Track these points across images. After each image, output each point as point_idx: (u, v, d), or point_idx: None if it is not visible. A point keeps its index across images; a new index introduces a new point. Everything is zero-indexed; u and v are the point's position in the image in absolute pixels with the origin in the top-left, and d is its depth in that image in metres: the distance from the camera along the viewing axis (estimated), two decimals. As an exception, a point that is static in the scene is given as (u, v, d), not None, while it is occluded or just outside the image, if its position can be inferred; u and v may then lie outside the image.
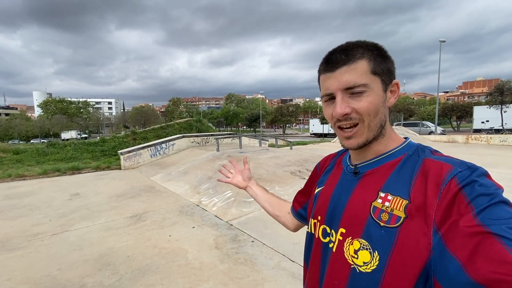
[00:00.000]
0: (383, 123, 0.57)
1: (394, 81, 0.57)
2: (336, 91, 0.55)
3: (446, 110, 34.31)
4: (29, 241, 3.41)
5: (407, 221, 0.48)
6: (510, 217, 0.40)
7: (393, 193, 0.52)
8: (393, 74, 0.57)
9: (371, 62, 0.54)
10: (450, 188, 0.45)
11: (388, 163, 0.56)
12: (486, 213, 0.40)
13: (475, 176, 0.45)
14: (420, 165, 0.52)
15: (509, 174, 6.36)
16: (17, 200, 5.40)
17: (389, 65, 0.57)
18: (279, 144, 12.34)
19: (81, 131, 47.52)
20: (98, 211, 4.56)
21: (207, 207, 4.58)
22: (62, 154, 11.34)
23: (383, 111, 0.56)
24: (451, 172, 0.46)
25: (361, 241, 0.53)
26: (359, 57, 0.53)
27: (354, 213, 0.56)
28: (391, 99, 0.58)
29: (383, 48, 0.57)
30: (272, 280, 2.43)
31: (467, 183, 0.44)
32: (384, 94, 0.56)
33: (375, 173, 0.57)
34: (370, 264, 0.51)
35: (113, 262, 2.83)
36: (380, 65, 0.55)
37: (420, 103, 62.96)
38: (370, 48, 0.55)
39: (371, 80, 0.53)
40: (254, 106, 66.43)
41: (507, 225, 0.38)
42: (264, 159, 6.47)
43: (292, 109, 46.73)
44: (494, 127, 23.85)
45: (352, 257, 0.54)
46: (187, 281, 2.45)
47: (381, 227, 0.51)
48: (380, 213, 0.51)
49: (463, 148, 12.71)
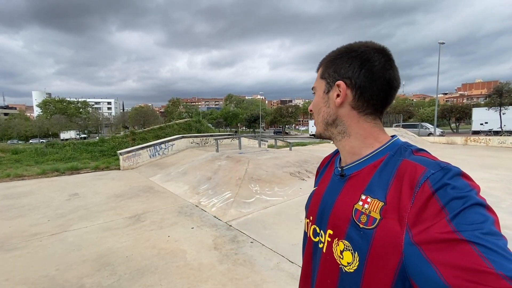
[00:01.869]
0: (329, 121, 0.62)
1: (336, 82, 0.59)
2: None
3: (445, 111, 34.40)
4: (28, 241, 3.39)
5: (382, 222, 0.49)
6: (483, 221, 0.40)
7: (372, 196, 0.53)
8: (341, 75, 0.59)
9: (322, 69, 0.64)
10: (423, 191, 0.45)
11: (370, 165, 0.57)
12: (460, 219, 0.40)
13: (447, 178, 0.44)
14: (398, 166, 0.52)
15: (508, 176, 6.37)
16: (16, 200, 5.38)
17: (337, 67, 0.59)
18: (279, 145, 12.35)
19: (80, 131, 47.40)
20: (97, 211, 4.55)
21: (206, 207, 4.58)
22: (61, 154, 11.32)
23: (327, 111, 0.62)
24: (424, 175, 0.46)
25: (345, 242, 0.55)
26: (319, 66, 0.66)
27: (339, 215, 0.58)
28: (337, 99, 0.59)
29: (346, 50, 0.60)
30: (271, 281, 2.42)
31: (440, 186, 0.44)
32: (324, 95, 0.63)
33: (359, 175, 0.58)
34: (352, 264, 0.53)
35: (112, 262, 2.82)
36: (328, 70, 0.62)
37: (419, 104, 63.09)
38: (329, 56, 0.63)
39: (318, 84, 0.65)
40: (253, 107, 66.48)
41: (481, 231, 0.38)
42: (263, 160, 6.47)
43: (292, 110, 46.80)
44: (493, 129, 23.92)
45: (339, 258, 0.56)
46: (186, 282, 2.45)
47: (360, 229, 0.52)
48: (360, 215, 0.53)
49: (462, 149, 12.73)
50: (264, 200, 4.61)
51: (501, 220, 1.84)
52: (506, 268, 0.35)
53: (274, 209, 4.26)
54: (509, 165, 7.95)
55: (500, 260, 0.36)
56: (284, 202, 4.58)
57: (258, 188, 4.97)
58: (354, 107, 0.59)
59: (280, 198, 4.68)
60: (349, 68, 0.58)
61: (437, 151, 11.77)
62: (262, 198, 4.67)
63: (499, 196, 4.76)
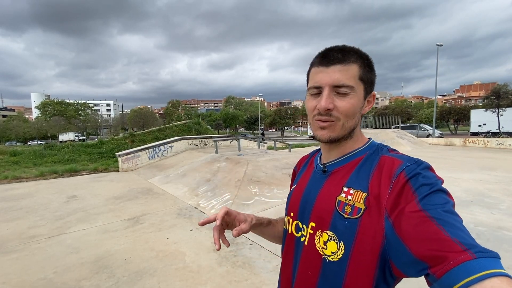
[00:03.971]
0: (355, 127, 0.62)
1: (373, 92, 0.63)
2: (325, 85, 0.57)
3: (443, 113, 34.54)
4: (25, 244, 3.37)
5: (366, 211, 0.53)
6: (445, 202, 0.47)
7: (355, 187, 0.57)
8: (373, 85, 0.63)
9: (361, 69, 0.58)
10: (399, 180, 0.51)
11: (352, 162, 0.62)
12: (426, 200, 0.47)
13: (419, 169, 0.52)
14: (378, 161, 0.58)
15: (507, 177, 6.38)
16: (14, 202, 5.35)
17: (373, 77, 0.62)
18: (278, 146, 12.35)
19: (79, 133, 47.27)
20: (95, 213, 4.53)
21: (205, 209, 4.56)
22: (59, 156, 11.28)
23: (358, 116, 0.62)
24: (401, 166, 0.53)
25: (329, 233, 0.58)
26: (353, 61, 0.58)
27: (322, 207, 0.61)
28: (366, 108, 0.63)
29: (372, 60, 0.62)
30: (270, 284, 2.41)
31: (413, 175, 0.51)
32: (364, 100, 0.61)
33: (341, 170, 0.62)
34: (337, 253, 0.56)
35: (110, 265, 2.80)
36: (367, 74, 0.60)
37: (418, 106, 63.31)
38: (363, 56, 0.60)
39: (357, 85, 0.58)
40: (253, 109, 66.54)
41: (442, 209, 0.45)
42: (262, 162, 6.47)
43: (291, 112, 46.88)
44: (491, 130, 24.01)
45: (322, 248, 0.59)
46: (185, 284, 2.43)
47: (345, 219, 0.56)
48: (344, 206, 0.57)
49: (460, 151, 12.76)
50: (263, 202, 4.60)
51: (500, 221, 1.86)
52: (459, 236, 0.41)
53: (273, 211, 4.25)
54: (507, 167, 7.97)
55: (456, 231, 0.42)
56: (283, 204, 4.56)
57: (257, 190, 4.96)
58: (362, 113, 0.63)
59: (279, 200, 4.67)
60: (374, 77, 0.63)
61: (436, 153, 11.79)
62: (261, 200, 4.66)
63: (498, 197, 4.77)
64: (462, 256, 0.38)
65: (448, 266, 0.39)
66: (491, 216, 3.78)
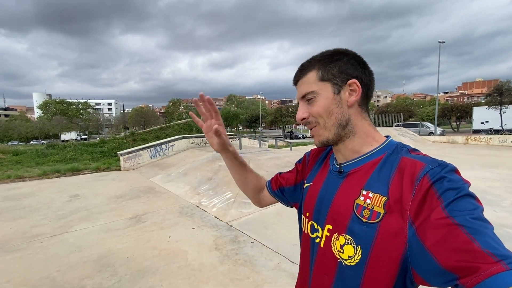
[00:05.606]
0: (343, 123, 0.60)
1: (350, 80, 0.60)
2: (298, 100, 0.65)
3: (445, 110, 34.37)
4: (28, 243, 3.40)
5: (386, 216, 0.51)
6: (474, 208, 0.43)
7: (374, 191, 0.55)
8: (349, 74, 0.60)
9: (319, 71, 0.60)
10: (422, 184, 0.48)
11: (369, 162, 0.60)
12: (453, 206, 0.44)
13: (444, 172, 0.49)
14: (398, 163, 0.55)
15: (509, 175, 6.35)
16: (16, 201, 5.39)
17: (342, 68, 0.60)
18: (279, 145, 12.35)
19: (80, 132, 47.43)
20: (97, 212, 4.55)
21: (207, 208, 4.58)
22: (61, 155, 11.33)
23: (340, 111, 0.60)
24: (424, 170, 0.50)
25: (346, 236, 0.57)
26: (309, 70, 0.62)
27: (339, 210, 0.59)
28: (351, 98, 0.60)
29: (337, 52, 0.61)
30: (272, 282, 2.42)
31: (437, 179, 0.48)
32: (336, 96, 0.60)
33: (358, 172, 0.60)
34: (354, 258, 0.55)
35: (113, 263, 2.82)
36: (330, 71, 0.60)
37: (420, 103, 63.05)
38: (320, 59, 0.62)
39: (319, 87, 0.60)
40: (254, 107, 66.49)
41: (471, 216, 0.42)
42: (264, 160, 6.47)
43: (292, 110, 46.78)
44: (493, 127, 23.85)
45: (338, 252, 0.58)
46: (187, 282, 2.44)
47: (363, 223, 0.54)
48: (362, 210, 0.55)
49: (462, 148, 12.71)
50: (264, 200, 4.60)
51: (503, 219, 1.85)
52: (491, 247, 0.39)
53: (275, 209, 4.25)
54: (510, 164, 7.93)
55: (487, 240, 0.40)
56: (284, 202, 4.57)
57: (259, 188, 4.96)
58: (360, 105, 0.62)
59: (281, 198, 4.68)
60: (354, 68, 0.60)
61: (438, 150, 11.74)
62: (262, 198, 4.66)
63: (500, 195, 4.74)
64: (494, 268, 0.37)
65: (479, 278, 0.37)
66: (493, 214, 3.76)
